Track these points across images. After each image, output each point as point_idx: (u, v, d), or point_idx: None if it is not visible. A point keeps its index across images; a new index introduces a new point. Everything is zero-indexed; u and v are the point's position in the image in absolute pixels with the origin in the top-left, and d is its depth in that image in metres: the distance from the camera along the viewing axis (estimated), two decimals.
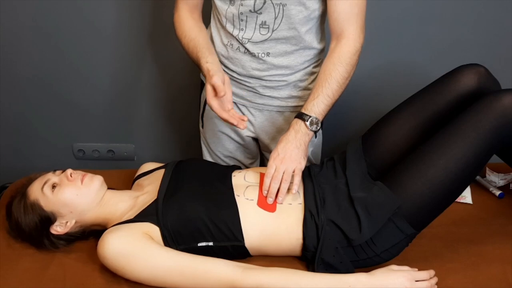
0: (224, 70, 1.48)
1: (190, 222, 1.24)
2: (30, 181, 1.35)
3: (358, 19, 1.37)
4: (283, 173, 1.30)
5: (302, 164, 1.32)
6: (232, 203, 1.28)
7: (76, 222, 1.32)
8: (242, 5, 1.34)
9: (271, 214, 1.28)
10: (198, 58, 1.38)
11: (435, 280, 1.19)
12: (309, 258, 1.27)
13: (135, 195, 1.36)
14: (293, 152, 1.31)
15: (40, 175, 1.36)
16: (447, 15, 1.81)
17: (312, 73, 1.49)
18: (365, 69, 1.53)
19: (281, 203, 1.29)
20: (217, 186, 1.33)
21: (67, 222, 1.31)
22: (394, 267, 1.20)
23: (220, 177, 1.37)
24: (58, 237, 1.32)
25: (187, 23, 1.47)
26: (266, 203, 1.29)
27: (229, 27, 1.40)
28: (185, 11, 1.48)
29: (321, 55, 1.49)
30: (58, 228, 1.31)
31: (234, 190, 1.32)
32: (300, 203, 1.30)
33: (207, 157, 1.70)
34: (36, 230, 1.30)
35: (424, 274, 1.18)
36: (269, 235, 1.27)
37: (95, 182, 1.33)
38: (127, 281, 1.22)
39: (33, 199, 1.30)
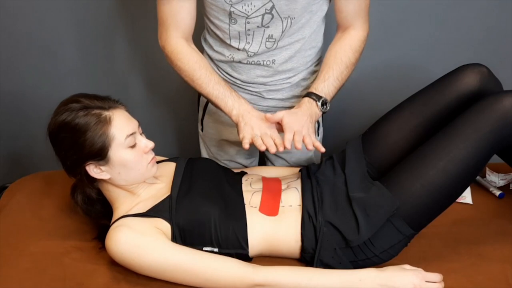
0: (226, 78, 1.49)
1: (203, 225, 1.24)
2: (116, 105, 1.25)
3: (365, 13, 1.40)
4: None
5: (311, 131, 1.29)
6: (242, 212, 1.28)
7: (108, 179, 1.25)
8: (248, 23, 1.34)
9: (271, 218, 1.28)
10: (222, 105, 1.35)
11: (443, 285, 1.19)
12: (308, 260, 1.27)
13: (151, 181, 1.32)
14: (303, 119, 1.29)
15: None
16: (447, 15, 1.80)
17: (313, 72, 1.50)
18: (365, 69, 1.54)
19: (300, 148, 1.24)
20: (229, 193, 1.32)
21: (104, 171, 1.23)
22: (407, 266, 1.20)
23: (231, 182, 1.36)
24: (88, 177, 1.24)
25: (190, 57, 1.37)
26: (268, 208, 1.29)
27: (234, 42, 1.39)
28: (179, 39, 1.37)
29: (320, 53, 1.50)
30: (93, 168, 1.22)
31: (244, 198, 1.32)
32: (299, 205, 1.30)
33: (205, 157, 1.70)
34: (80, 140, 1.19)
35: (435, 276, 1.18)
36: (270, 240, 1.27)
37: (154, 170, 1.29)
38: (127, 281, 1.22)
39: (112, 130, 1.20)
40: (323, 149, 1.28)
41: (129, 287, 1.21)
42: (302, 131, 1.26)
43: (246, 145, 1.26)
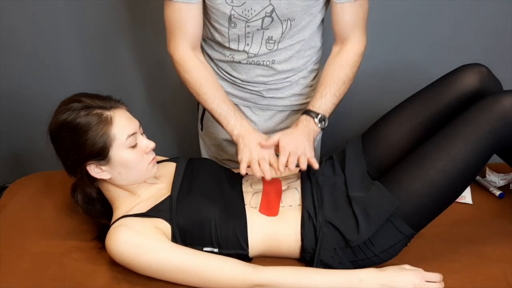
0: (226, 77, 1.49)
1: (203, 225, 1.24)
2: (118, 105, 1.25)
3: (363, 24, 1.39)
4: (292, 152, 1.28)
5: (308, 149, 1.30)
6: (242, 212, 1.28)
7: (109, 179, 1.25)
8: (248, 26, 1.34)
9: (271, 218, 1.28)
10: (224, 123, 1.37)
11: (443, 285, 1.19)
12: (308, 260, 1.27)
13: (152, 181, 1.32)
14: (299, 139, 1.31)
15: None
16: (447, 15, 1.81)
17: (313, 70, 1.51)
18: (365, 69, 1.53)
19: (294, 170, 1.28)
20: (229, 193, 1.32)
21: (104, 171, 1.23)
22: (407, 266, 1.20)
23: (232, 183, 1.36)
24: (88, 177, 1.24)
25: (198, 71, 1.38)
26: (268, 209, 1.29)
27: (233, 45, 1.39)
28: (187, 49, 1.38)
29: (320, 52, 1.50)
30: (93, 168, 1.22)
31: (244, 198, 1.32)
32: (299, 204, 1.30)
33: (205, 156, 1.70)
34: (81, 140, 1.19)
35: (435, 276, 1.18)
36: (270, 240, 1.27)
37: (154, 170, 1.29)
38: (127, 281, 1.22)
39: (113, 130, 1.20)
40: (316, 166, 1.29)
41: (129, 287, 1.21)
42: (297, 152, 1.28)
43: (243, 171, 1.29)
